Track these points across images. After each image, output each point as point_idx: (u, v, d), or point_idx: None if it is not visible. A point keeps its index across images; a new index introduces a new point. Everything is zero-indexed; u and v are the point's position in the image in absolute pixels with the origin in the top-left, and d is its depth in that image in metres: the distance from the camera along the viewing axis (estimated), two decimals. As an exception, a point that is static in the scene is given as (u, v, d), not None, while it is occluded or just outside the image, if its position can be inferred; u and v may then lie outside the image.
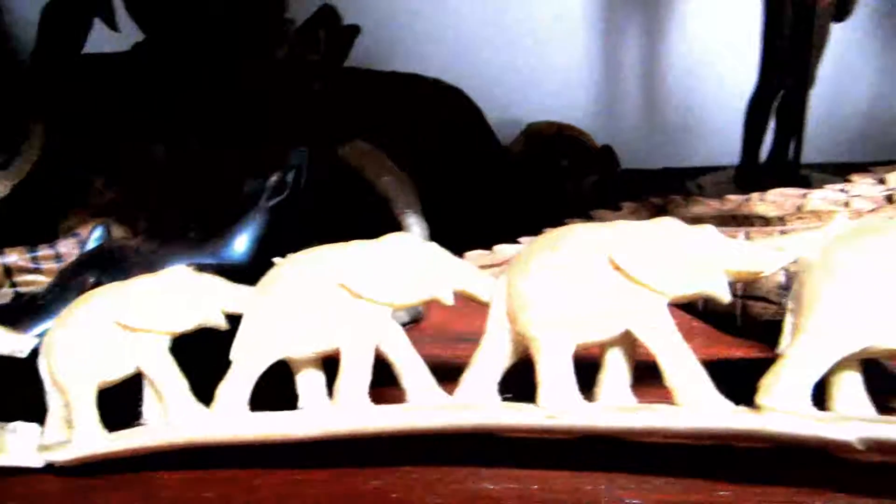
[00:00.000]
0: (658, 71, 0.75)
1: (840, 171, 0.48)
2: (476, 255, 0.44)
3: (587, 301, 0.30)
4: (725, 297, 0.30)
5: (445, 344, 0.43)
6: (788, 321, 0.29)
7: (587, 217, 0.52)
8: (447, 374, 0.33)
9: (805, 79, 0.55)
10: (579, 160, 0.69)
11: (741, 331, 0.42)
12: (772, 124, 0.60)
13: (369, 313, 0.31)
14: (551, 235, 0.32)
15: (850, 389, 0.29)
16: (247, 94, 0.55)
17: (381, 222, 0.50)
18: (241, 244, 0.39)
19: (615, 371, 0.31)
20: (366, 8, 0.75)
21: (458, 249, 0.49)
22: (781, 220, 0.42)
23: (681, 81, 0.75)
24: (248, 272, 0.35)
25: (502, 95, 0.75)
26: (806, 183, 0.49)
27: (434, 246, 0.33)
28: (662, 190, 0.55)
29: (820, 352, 0.28)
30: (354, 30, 0.64)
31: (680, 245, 0.30)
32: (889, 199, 0.41)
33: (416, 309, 0.46)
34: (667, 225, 0.31)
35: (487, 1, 0.75)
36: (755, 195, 0.44)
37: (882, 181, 0.42)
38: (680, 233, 0.31)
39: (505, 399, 0.31)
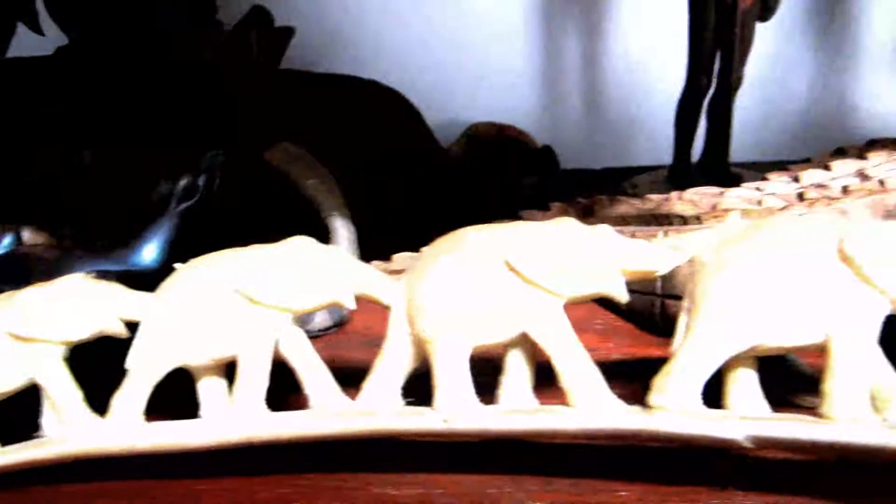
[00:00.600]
0: (599, 71, 0.75)
1: (777, 170, 0.48)
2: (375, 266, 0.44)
3: (483, 303, 0.30)
4: (622, 297, 0.30)
5: (369, 347, 0.43)
6: (682, 320, 0.29)
7: (517, 218, 0.52)
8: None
9: (730, 79, 0.55)
10: (519, 161, 0.69)
11: (662, 329, 0.42)
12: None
13: (266, 319, 0.31)
14: (450, 237, 0.32)
15: (744, 387, 0.29)
16: (173, 97, 0.54)
17: (308, 226, 0.50)
18: (149, 250, 0.38)
19: (516, 373, 0.31)
20: (304, 10, 0.74)
21: (395, 252, 0.49)
22: (698, 218, 0.42)
23: (622, 81, 0.76)
24: (159, 279, 0.34)
25: (444, 97, 0.75)
26: (738, 181, 0.49)
27: (335, 249, 0.33)
28: (602, 189, 0.56)
29: (709, 350, 0.28)
30: (289, 31, 0.63)
31: (576, 246, 0.30)
32: (800, 196, 0.41)
33: (340, 312, 0.45)
34: (564, 226, 0.31)
35: (429, 2, 0.75)
36: (674, 194, 0.44)
37: (796, 179, 0.42)
38: (576, 234, 0.31)
39: (408, 403, 0.31)
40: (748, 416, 0.28)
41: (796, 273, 0.28)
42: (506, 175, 0.68)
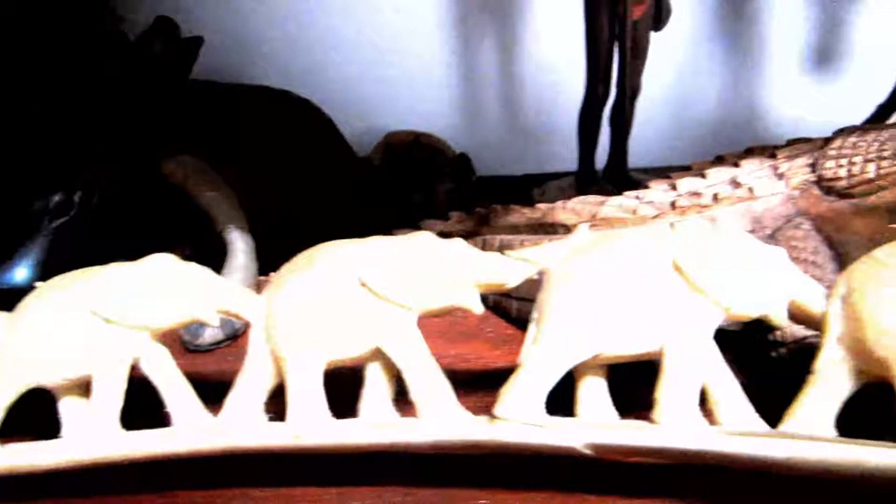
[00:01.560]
0: (515, 78, 0.76)
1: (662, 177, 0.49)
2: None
3: (335, 319, 0.30)
4: (477, 308, 0.31)
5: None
6: (530, 331, 0.30)
7: (416, 227, 0.52)
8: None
9: (625, 87, 0.57)
10: (435, 168, 0.70)
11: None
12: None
13: (122, 338, 0.31)
14: (307, 254, 0.32)
15: (592, 394, 0.30)
16: (74, 110, 0.54)
17: (205, 238, 0.50)
18: (22, 267, 0.37)
19: (375, 387, 0.31)
20: (215, 20, 0.74)
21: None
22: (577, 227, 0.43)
23: (538, 88, 0.76)
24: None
25: (361, 105, 0.75)
26: (638, 187, 0.50)
27: (196, 266, 0.33)
28: (515, 196, 0.56)
29: (551, 360, 0.29)
30: (197, 41, 0.62)
31: (429, 260, 0.31)
32: (672, 204, 0.42)
33: (233, 325, 0.45)
34: (419, 240, 0.31)
35: (345, 12, 0.75)
36: (559, 204, 0.45)
37: (674, 187, 0.43)
38: (431, 248, 0.31)
39: (271, 419, 0.31)
40: (586, 424, 0.28)
41: (634, 285, 0.29)
42: (421, 183, 0.69)
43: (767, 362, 0.37)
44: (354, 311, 0.30)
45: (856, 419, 0.27)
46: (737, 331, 0.34)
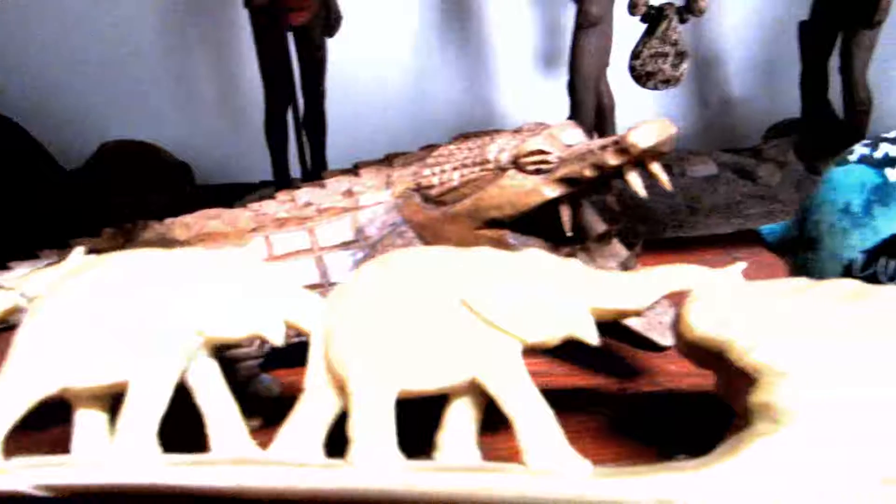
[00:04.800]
0: (241, 88, 0.74)
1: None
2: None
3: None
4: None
5: None
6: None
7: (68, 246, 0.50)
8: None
9: (316, 92, 0.56)
10: (152, 176, 0.67)
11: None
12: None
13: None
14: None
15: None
16: None
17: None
18: None
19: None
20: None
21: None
22: (189, 242, 0.41)
23: (258, 98, 0.75)
24: None
25: (81, 116, 0.72)
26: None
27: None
28: (230, 205, 0.54)
29: (12, 395, 0.27)
30: None
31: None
32: (282, 220, 0.41)
33: None
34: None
35: (59, 24, 0.71)
36: (178, 219, 0.43)
37: (292, 199, 0.43)
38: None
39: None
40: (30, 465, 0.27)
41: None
42: (132, 190, 0.66)
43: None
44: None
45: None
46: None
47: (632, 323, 0.36)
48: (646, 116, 0.79)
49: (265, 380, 0.38)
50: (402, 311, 0.27)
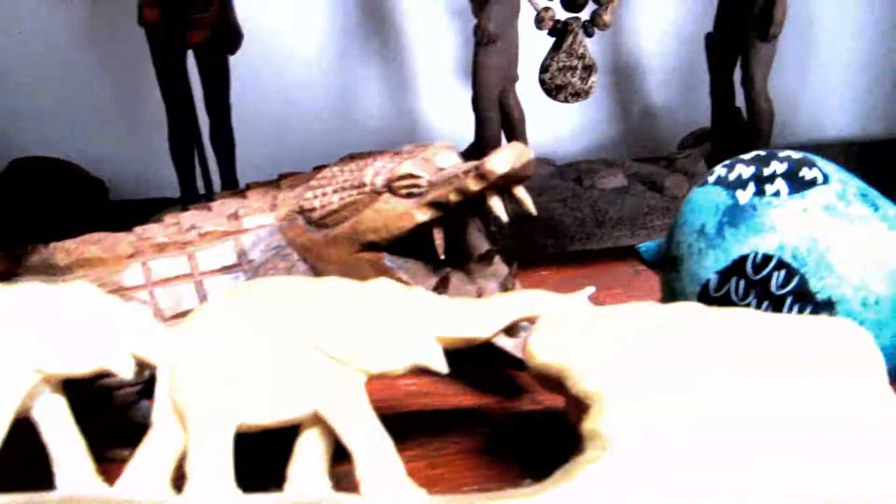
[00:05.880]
0: (156, 102, 0.73)
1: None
2: None
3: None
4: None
5: None
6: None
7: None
8: None
9: (219, 110, 0.56)
10: (67, 193, 0.66)
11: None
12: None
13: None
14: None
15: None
16: None
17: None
18: None
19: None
20: None
21: None
22: (70, 268, 0.41)
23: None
24: None
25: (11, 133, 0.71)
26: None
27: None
28: (143, 221, 0.53)
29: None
30: None
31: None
32: (161, 245, 0.40)
33: None
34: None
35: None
36: (61, 244, 0.42)
37: (177, 222, 0.42)
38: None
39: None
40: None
41: None
42: (47, 207, 0.65)
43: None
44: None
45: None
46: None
47: (504, 344, 0.36)
48: (570, 126, 0.83)
49: (143, 407, 0.38)
50: (244, 343, 0.27)
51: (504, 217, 0.36)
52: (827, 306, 0.31)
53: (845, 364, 0.27)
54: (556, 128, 0.79)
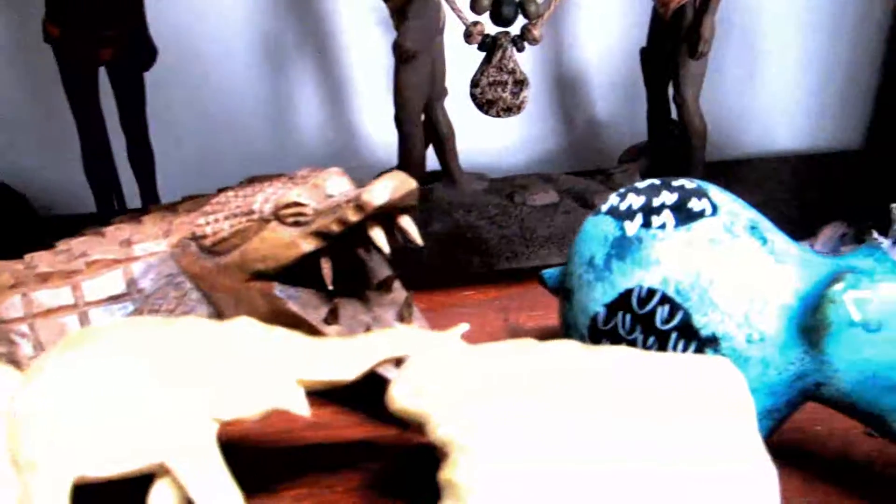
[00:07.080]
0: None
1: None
2: None
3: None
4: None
5: None
6: None
7: None
8: None
9: (137, 127, 0.54)
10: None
11: None
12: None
13: None
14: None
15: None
16: None
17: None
18: None
19: None
20: None
21: None
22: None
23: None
24: None
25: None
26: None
27: None
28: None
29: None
30: None
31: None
32: (45, 274, 0.39)
33: None
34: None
35: None
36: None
37: (69, 249, 0.41)
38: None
39: None
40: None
41: None
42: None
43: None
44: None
45: None
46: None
47: (391, 375, 0.35)
48: (512, 139, 0.81)
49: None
50: (91, 390, 0.26)
51: (386, 248, 0.35)
52: (711, 342, 0.30)
53: (714, 404, 0.26)
54: (498, 141, 0.78)
